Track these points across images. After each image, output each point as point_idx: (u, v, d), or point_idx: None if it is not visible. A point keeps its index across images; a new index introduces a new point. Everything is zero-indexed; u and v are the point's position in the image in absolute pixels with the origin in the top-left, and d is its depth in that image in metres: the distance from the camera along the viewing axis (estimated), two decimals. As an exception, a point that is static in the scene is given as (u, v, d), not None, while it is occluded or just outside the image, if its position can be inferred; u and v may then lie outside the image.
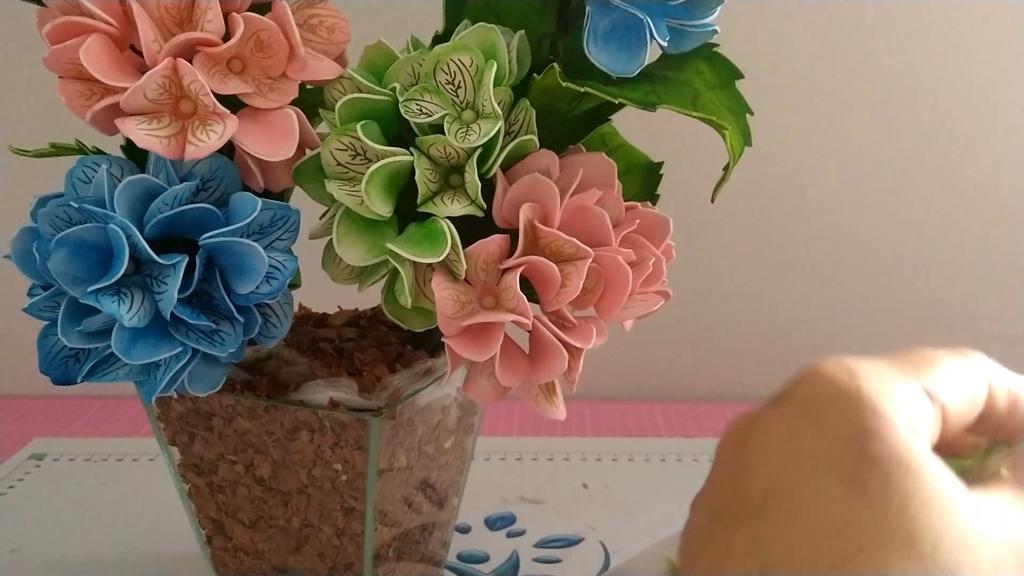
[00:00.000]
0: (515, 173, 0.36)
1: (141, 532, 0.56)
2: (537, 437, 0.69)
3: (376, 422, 0.39)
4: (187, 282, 0.34)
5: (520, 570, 0.52)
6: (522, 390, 0.36)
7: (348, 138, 0.35)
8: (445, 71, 0.35)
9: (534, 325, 0.34)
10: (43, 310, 0.36)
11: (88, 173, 0.35)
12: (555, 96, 0.36)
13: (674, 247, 0.38)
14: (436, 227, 0.34)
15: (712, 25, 0.36)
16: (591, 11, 0.34)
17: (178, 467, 0.45)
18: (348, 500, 0.42)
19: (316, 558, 0.44)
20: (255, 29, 0.35)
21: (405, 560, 0.47)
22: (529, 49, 0.37)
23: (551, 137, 0.37)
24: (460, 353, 0.34)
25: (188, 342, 0.35)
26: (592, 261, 0.34)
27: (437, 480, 0.47)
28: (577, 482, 0.62)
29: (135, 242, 0.33)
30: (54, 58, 0.33)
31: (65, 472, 0.64)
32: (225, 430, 0.42)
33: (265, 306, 0.37)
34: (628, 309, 0.36)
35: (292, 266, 0.35)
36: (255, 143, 0.34)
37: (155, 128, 0.34)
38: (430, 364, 0.43)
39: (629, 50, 0.35)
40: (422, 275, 0.36)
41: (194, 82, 0.33)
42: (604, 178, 0.37)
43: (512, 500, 0.60)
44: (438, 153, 0.35)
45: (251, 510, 0.44)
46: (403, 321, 0.37)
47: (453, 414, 0.45)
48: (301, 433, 0.40)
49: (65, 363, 0.36)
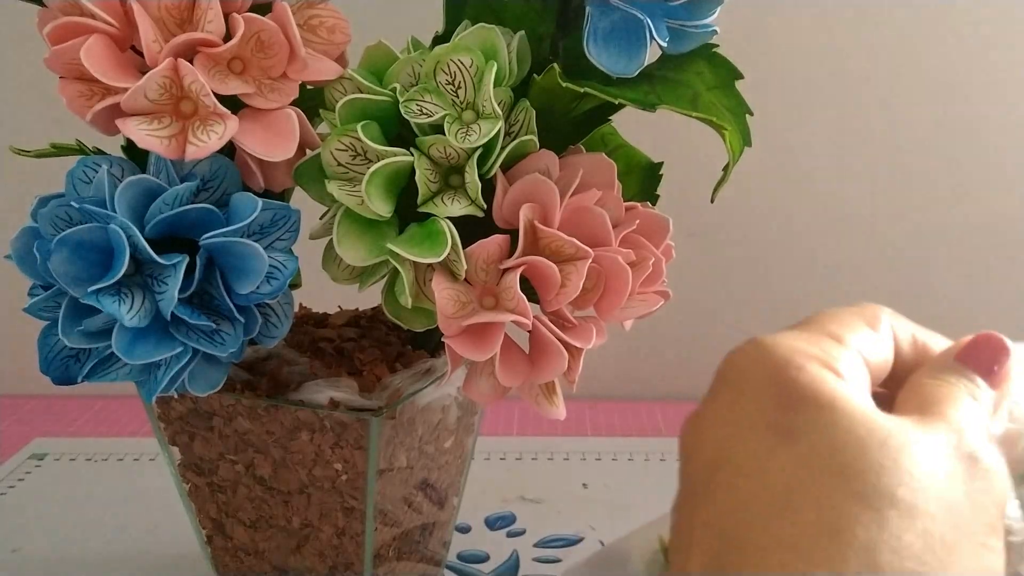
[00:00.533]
0: (515, 173, 0.36)
1: (141, 532, 0.56)
2: (537, 437, 0.69)
3: (376, 422, 0.39)
4: (188, 282, 0.34)
5: (520, 570, 0.52)
6: (522, 390, 0.36)
7: (348, 138, 0.35)
8: (445, 71, 0.35)
9: (534, 325, 0.34)
10: (44, 310, 0.36)
11: (89, 173, 0.35)
12: (555, 96, 0.36)
13: (674, 247, 0.38)
14: (436, 227, 0.34)
15: (712, 26, 0.36)
16: (591, 12, 0.34)
17: (178, 467, 0.45)
18: (348, 500, 0.42)
19: (316, 558, 0.44)
20: (256, 30, 0.35)
21: (405, 560, 0.47)
22: (529, 49, 0.37)
23: (551, 137, 0.37)
24: (460, 353, 0.34)
25: (188, 342, 0.35)
26: (592, 261, 0.34)
27: (437, 480, 0.47)
28: (577, 482, 0.62)
29: (136, 242, 0.33)
30: (55, 58, 0.34)
31: (65, 472, 0.64)
32: (225, 430, 0.42)
33: (265, 306, 0.37)
34: (628, 309, 0.36)
35: (292, 266, 0.35)
36: (256, 143, 0.35)
37: (156, 128, 0.34)
38: (430, 364, 0.43)
39: (629, 51, 0.35)
40: (422, 275, 0.36)
41: (195, 82, 0.33)
42: (604, 178, 0.37)
43: (512, 500, 0.60)
44: (438, 153, 0.35)
45: (251, 510, 0.44)
46: (403, 321, 0.37)
47: (453, 414, 0.45)
48: (301, 433, 0.41)
49: (65, 363, 0.37)
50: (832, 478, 0.21)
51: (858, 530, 0.20)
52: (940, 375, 0.25)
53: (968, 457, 0.22)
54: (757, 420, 0.23)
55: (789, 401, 0.22)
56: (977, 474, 0.22)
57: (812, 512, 0.20)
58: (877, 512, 0.20)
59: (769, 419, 0.22)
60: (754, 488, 0.22)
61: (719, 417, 0.24)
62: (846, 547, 0.20)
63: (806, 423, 0.22)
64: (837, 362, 0.24)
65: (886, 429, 0.22)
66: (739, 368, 0.24)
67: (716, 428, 0.24)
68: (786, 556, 0.20)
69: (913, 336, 0.27)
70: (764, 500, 0.21)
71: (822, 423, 0.22)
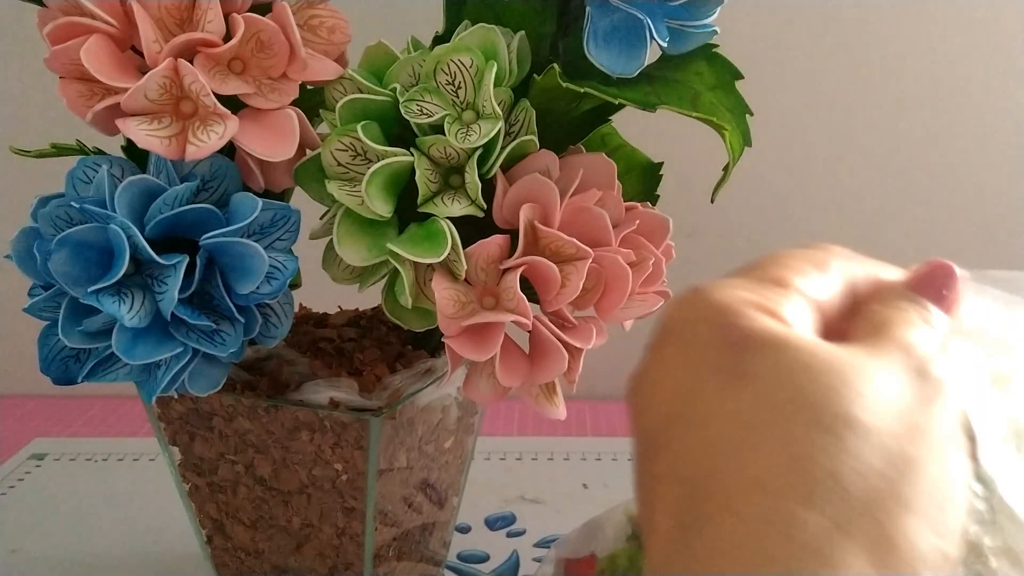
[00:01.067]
0: (515, 173, 0.36)
1: (141, 532, 0.56)
2: (537, 437, 0.69)
3: (376, 422, 0.39)
4: (188, 282, 0.34)
5: (520, 570, 0.52)
6: (522, 390, 0.36)
7: (348, 138, 0.35)
8: (445, 72, 0.35)
9: (534, 325, 0.34)
10: (44, 310, 0.36)
11: (89, 173, 0.35)
12: (555, 97, 0.36)
13: (674, 247, 0.38)
14: (436, 227, 0.34)
15: (712, 26, 0.36)
16: (591, 12, 0.34)
17: (178, 467, 0.45)
18: (348, 500, 0.42)
19: (316, 558, 0.44)
20: (256, 30, 0.35)
21: (405, 560, 0.47)
22: (529, 49, 0.37)
23: (551, 137, 0.37)
24: (460, 353, 0.34)
25: (189, 342, 0.35)
26: (592, 261, 0.34)
27: (437, 480, 0.47)
28: (577, 482, 0.62)
29: (136, 242, 0.33)
30: (55, 58, 0.34)
31: (65, 472, 0.64)
32: (225, 430, 0.42)
33: (265, 306, 0.37)
34: (628, 309, 0.36)
35: (292, 266, 0.35)
36: (256, 143, 0.35)
37: (156, 128, 0.34)
38: (430, 364, 0.43)
39: (629, 51, 0.35)
40: (422, 275, 0.36)
41: (195, 83, 0.33)
42: (604, 178, 0.37)
43: (512, 500, 0.60)
44: (438, 153, 0.35)
45: (251, 510, 0.44)
46: (403, 321, 0.37)
47: (453, 414, 0.45)
48: (301, 433, 0.41)
49: (65, 363, 0.37)
50: (787, 410, 0.21)
51: (820, 457, 0.20)
52: (890, 301, 0.25)
53: (918, 371, 0.22)
54: (705, 367, 0.22)
55: (736, 344, 0.22)
56: (928, 386, 0.22)
57: (773, 447, 0.20)
58: (835, 437, 0.20)
59: (717, 364, 0.22)
60: (710, 433, 0.21)
61: (666, 369, 0.23)
62: (811, 477, 0.20)
63: (755, 363, 0.22)
64: (780, 307, 0.23)
65: (834, 355, 0.22)
66: (682, 319, 0.24)
67: (665, 381, 0.23)
68: (754, 495, 0.20)
69: (867, 273, 0.27)
70: (723, 443, 0.21)
71: (771, 361, 0.22)
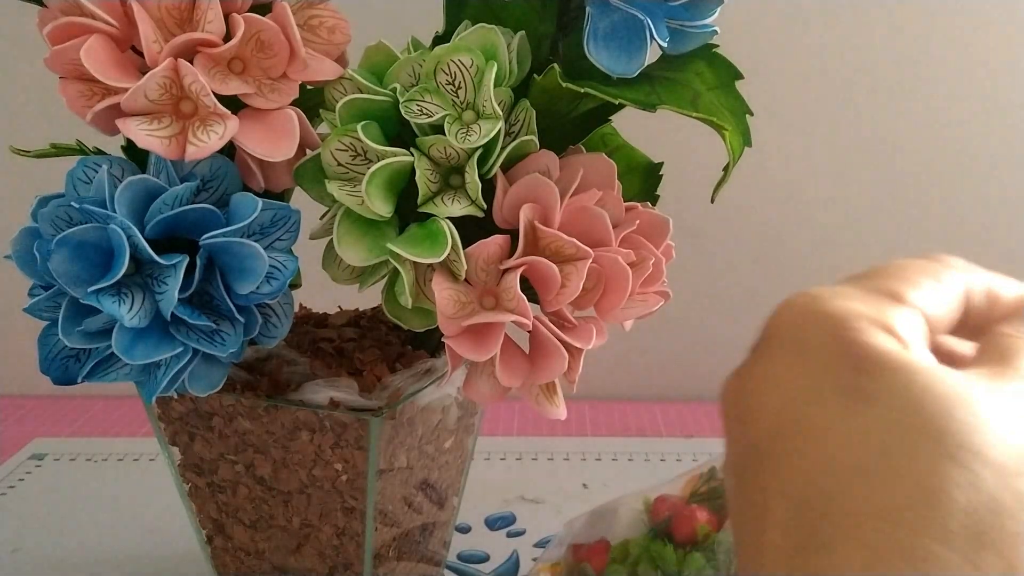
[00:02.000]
0: (515, 173, 0.36)
1: (141, 532, 0.56)
2: (537, 437, 0.69)
3: (376, 422, 0.39)
4: (188, 282, 0.34)
5: (520, 570, 0.52)
6: (522, 390, 0.36)
7: (348, 138, 0.35)
8: (445, 72, 0.35)
9: (534, 325, 0.34)
10: (44, 310, 0.36)
11: (89, 173, 0.35)
12: (555, 97, 0.36)
13: (674, 247, 0.38)
14: (436, 227, 0.34)
15: (712, 26, 0.36)
16: (591, 12, 0.34)
17: (178, 467, 0.45)
18: (348, 500, 0.42)
19: (316, 558, 0.44)
20: (256, 30, 0.35)
21: (405, 560, 0.47)
22: (529, 50, 0.37)
23: (551, 137, 0.37)
24: (460, 353, 0.34)
25: (188, 342, 0.35)
26: (592, 261, 0.34)
27: (437, 480, 0.47)
28: (577, 482, 0.62)
29: (136, 242, 0.33)
30: (55, 58, 0.34)
31: (65, 472, 0.64)
32: (225, 430, 0.42)
33: (265, 306, 0.37)
34: (628, 309, 0.36)
35: (292, 266, 0.35)
36: (256, 143, 0.35)
37: (156, 128, 0.34)
38: (430, 364, 0.43)
39: (629, 51, 0.35)
40: (422, 275, 0.36)
41: (195, 83, 0.33)
42: (604, 179, 0.37)
43: (512, 500, 0.60)
44: (438, 153, 0.35)
45: (251, 510, 0.44)
46: (403, 321, 0.37)
47: (453, 414, 0.45)
48: (301, 433, 0.41)
49: (65, 363, 0.37)
50: (914, 438, 0.20)
51: (956, 493, 0.19)
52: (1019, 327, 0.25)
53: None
54: (823, 382, 0.21)
55: (857, 363, 0.21)
56: None
57: (904, 477, 0.19)
58: (969, 471, 0.19)
59: (836, 379, 0.21)
60: (832, 454, 0.20)
61: (777, 379, 0.22)
62: (946, 512, 0.19)
63: (877, 385, 0.21)
64: (896, 323, 0.22)
65: (963, 386, 0.21)
66: (794, 325, 0.23)
67: (775, 391, 0.22)
68: (881, 523, 0.19)
69: (987, 286, 0.26)
70: (844, 465, 0.20)
71: (895, 385, 0.21)
